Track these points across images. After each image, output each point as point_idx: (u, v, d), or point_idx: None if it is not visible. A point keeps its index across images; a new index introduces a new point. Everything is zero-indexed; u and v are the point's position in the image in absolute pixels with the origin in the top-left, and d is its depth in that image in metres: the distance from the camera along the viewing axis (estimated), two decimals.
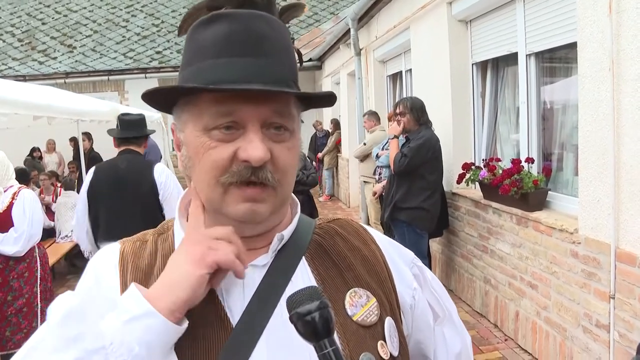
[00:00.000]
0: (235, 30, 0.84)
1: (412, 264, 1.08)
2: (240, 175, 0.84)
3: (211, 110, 0.84)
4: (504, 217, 4.42)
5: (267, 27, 0.87)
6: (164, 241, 0.97)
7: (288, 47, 0.91)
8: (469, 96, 5.47)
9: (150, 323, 0.78)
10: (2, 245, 3.81)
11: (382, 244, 1.06)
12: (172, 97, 0.91)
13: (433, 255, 6.09)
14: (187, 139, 0.89)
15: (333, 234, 1.03)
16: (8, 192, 4.01)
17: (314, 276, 0.95)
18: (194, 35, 0.89)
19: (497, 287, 4.63)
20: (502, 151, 5.12)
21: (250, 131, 0.84)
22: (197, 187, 0.91)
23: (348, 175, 11.23)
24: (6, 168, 4.07)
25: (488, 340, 4.48)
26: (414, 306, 1.04)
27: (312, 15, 16.77)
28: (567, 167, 4.18)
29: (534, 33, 4.25)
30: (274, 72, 0.85)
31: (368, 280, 0.98)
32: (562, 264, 3.66)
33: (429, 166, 4.82)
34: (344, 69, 11.17)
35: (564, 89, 4.26)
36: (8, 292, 3.87)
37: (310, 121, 14.29)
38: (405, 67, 7.70)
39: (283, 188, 0.89)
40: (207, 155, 0.85)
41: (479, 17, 5.15)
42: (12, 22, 16.90)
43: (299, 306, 0.77)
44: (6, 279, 3.86)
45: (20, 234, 3.84)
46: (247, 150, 0.83)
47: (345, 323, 0.91)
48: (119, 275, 0.92)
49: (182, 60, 0.92)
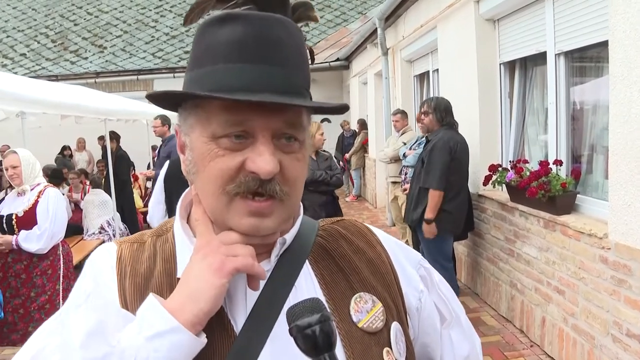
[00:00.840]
0: (250, 34, 0.80)
1: (419, 266, 1.05)
2: (247, 187, 0.81)
3: (220, 117, 0.81)
4: (531, 220, 4.32)
5: (284, 33, 0.83)
6: (164, 243, 0.94)
7: (302, 52, 0.87)
8: (497, 96, 5.37)
9: (175, 339, 0.75)
10: (25, 242, 3.87)
11: (387, 245, 1.03)
12: (179, 99, 0.88)
13: (459, 258, 6.00)
14: (193, 143, 0.86)
15: (337, 236, 1.00)
16: (34, 190, 4.09)
17: (318, 281, 0.93)
18: (205, 35, 0.84)
19: (524, 292, 4.53)
20: (530, 153, 5.01)
21: (260, 142, 0.80)
22: (200, 194, 0.87)
23: (375, 176, 11.16)
24: (32, 166, 4.15)
25: (513, 345, 4.38)
26: (420, 309, 1.01)
27: (340, 15, 16.76)
28: (597, 169, 4.05)
29: (564, 32, 4.14)
30: (288, 81, 0.82)
31: (374, 283, 0.95)
32: (591, 269, 3.55)
33: (451, 166, 4.71)
34: (371, 68, 11.12)
35: (594, 89, 4.14)
36: (31, 288, 3.93)
37: (338, 121, 14.26)
38: (432, 66, 7.62)
39: (291, 200, 0.86)
40: (214, 163, 0.82)
41: (507, 15, 5.04)
42: (46, 24, 17.29)
43: (299, 319, 0.74)
44: (30, 275, 3.93)
45: (43, 232, 3.91)
46: (257, 163, 0.79)
47: (351, 330, 0.89)
48: (117, 279, 0.89)
49: (190, 59, 0.88)
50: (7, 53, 16.11)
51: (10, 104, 4.81)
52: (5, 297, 3.90)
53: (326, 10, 17.02)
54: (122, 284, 0.88)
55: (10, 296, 3.93)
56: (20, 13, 17.98)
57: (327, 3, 17.30)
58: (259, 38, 0.81)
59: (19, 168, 4.06)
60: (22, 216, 3.99)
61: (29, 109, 5.02)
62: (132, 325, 0.77)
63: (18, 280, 3.95)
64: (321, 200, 5.19)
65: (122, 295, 0.87)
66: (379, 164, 10.06)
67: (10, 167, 4.07)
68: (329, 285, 0.92)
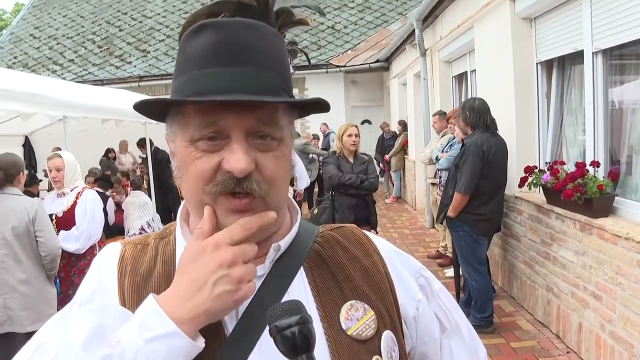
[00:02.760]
0: (220, 40, 0.84)
1: (419, 275, 1.05)
2: (224, 186, 0.83)
3: (196, 120, 0.84)
4: (567, 223, 4.20)
5: (254, 36, 0.85)
6: (166, 245, 0.97)
7: (278, 54, 0.89)
8: (534, 96, 5.26)
9: (174, 343, 0.77)
10: (64, 242, 4.00)
11: (385, 254, 1.03)
12: (164, 108, 0.91)
13: (495, 261, 5.90)
14: (176, 149, 0.90)
15: (334, 244, 1.01)
16: (73, 192, 4.22)
17: (311, 288, 0.94)
18: (184, 46, 0.88)
19: (560, 296, 4.41)
20: (568, 154, 4.88)
21: (233, 141, 0.83)
22: (186, 197, 0.91)
23: (414, 177, 11.08)
24: (74, 169, 4.28)
25: (549, 351, 4.27)
26: (417, 318, 1.01)
27: (380, 17, 16.70)
28: (636, 171, 3.92)
29: (601, 29, 4.02)
30: (260, 81, 0.84)
31: (367, 291, 0.96)
32: (629, 274, 3.44)
33: (484, 171, 4.62)
34: (410, 69, 11.04)
35: (634, 88, 4.00)
36: (70, 286, 4.07)
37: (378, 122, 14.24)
38: (470, 67, 7.51)
39: (272, 197, 0.87)
40: (194, 165, 0.85)
41: (544, 14, 4.93)
42: (93, 30, 17.84)
43: (278, 319, 0.75)
44: (68, 273, 4.07)
45: (81, 233, 4.04)
46: (230, 161, 0.82)
47: (339, 337, 0.89)
48: (117, 277, 0.92)
49: (174, 70, 0.92)
50: (57, 59, 16.69)
51: (53, 109, 4.99)
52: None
53: (366, 12, 16.99)
54: (121, 282, 0.91)
55: None
56: (69, 21, 18.61)
57: (367, 4, 17.27)
58: (230, 43, 0.83)
59: (62, 172, 4.20)
60: (61, 217, 4.13)
61: (71, 114, 5.19)
62: (131, 325, 0.79)
63: (58, 278, 4.08)
64: (351, 203, 5.18)
65: (121, 293, 0.90)
66: (418, 165, 9.98)
67: (54, 169, 4.22)
68: (321, 292, 0.93)
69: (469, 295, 4.90)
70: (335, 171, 5.19)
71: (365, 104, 15.78)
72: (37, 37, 18.03)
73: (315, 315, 0.88)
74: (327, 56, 15.23)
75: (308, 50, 15.44)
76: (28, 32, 18.41)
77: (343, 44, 15.78)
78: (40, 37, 18.00)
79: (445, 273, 6.43)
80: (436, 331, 1.03)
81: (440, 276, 6.28)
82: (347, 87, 15.37)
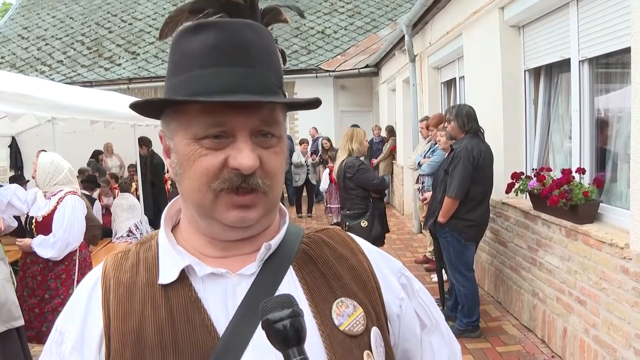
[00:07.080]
0: (223, 39, 0.86)
1: (400, 274, 1.08)
2: (231, 182, 0.86)
3: (200, 120, 0.86)
4: (553, 229, 4.25)
5: (253, 35, 0.88)
6: (147, 250, 0.98)
7: (273, 53, 0.92)
8: (521, 103, 5.32)
9: None
10: (39, 247, 3.94)
11: (369, 254, 1.06)
12: (161, 105, 0.92)
13: (482, 266, 5.94)
14: (176, 146, 0.91)
15: (321, 244, 1.03)
16: (55, 197, 4.10)
17: (301, 286, 0.96)
18: (180, 44, 0.89)
19: (545, 302, 4.46)
20: (555, 161, 4.94)
21: (240, 140, 0.86)
22: (187, 193, 0.92)
23: (402, 183, 11.12)
24: (50, 173, 4.09)
25: (534, 356, 4.31)
26: (400, 315, 1.04)
27: (370, 22, 16.75)
28: (621, 178, 3.97)
29: (588, 38, 4.08)
30: (261, 81, 0.87)
31: (355, 289, 0.98)
32: (612, 280, 3.48)
33: (473, 176, 4.65)
34: (400, 75, 11.09)
35: (619, 96, 4.06)
36: (46, 290, 4.00)
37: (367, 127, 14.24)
38: (459, 73, 7.57)
39: (273, 191, 0.91)
40: (199, 162, 0.87)
41: (532, 22, 5.00)
42: (82, 32, 17.71)
43: (271, 312, 0.77)
44: (45, 278, 3.99)
45: (56, 240, 3.93)
46: (238, 159, 0.85)
47: (332, 333, 0.91)
48: (101, 292, 0.94)
49: (168, 68, 0.93)
50: (46, 60, 16.55)
51: (42, 110, 4.95)
52: (23, 296, 3.98)
53: (356, 17, 17.03)
54: (106, 298, 0.93)
55: (28, 295, 4.01)
56: (58, 22, 18.47)
57: (357, 10, 17.31)
58: (231, 42, 0.86)
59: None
60: (40, 221, 4.03)
61: (60, 115, 5.16)
62: None
63: (34, 281, 4.02)
64: (382, 206, 5.36)
65: (105, 310, 0.91)
66: (406, 171, 10.03)
67: (34, 169, 4.17)
68: (312, 290, 0.95)
69: (456, 299, 4.93)
70: (379, 176, 5.44)
71: (354, 109, 15.79)
72: (26, 38, 17.87)
73: (307, 312, 0.90)
74: (316, 61, 15.24)
75: (297, 54, 15.46)
76: (16, 32, 18.24)
77: (333, 48, 15.80)
78: (28, 38, 17.83)
79: (432, 278, 6.46)
80: (417, 328, 1.06)
81: (427, 281, 6.31)
82: (337, 92, 15.38)
